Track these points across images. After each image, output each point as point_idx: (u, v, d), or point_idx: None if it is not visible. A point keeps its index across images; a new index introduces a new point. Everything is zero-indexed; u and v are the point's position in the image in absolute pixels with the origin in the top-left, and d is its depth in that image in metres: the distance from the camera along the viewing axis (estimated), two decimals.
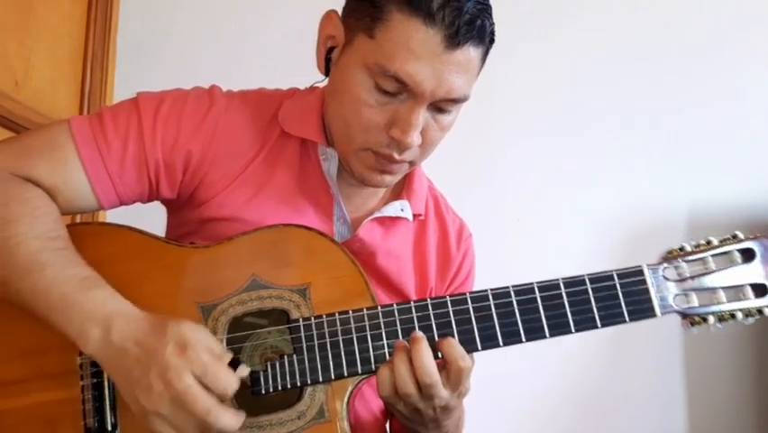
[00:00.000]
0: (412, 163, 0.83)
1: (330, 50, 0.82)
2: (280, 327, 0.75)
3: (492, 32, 0.78)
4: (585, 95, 1.57)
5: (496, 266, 1.53)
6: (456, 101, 0.77)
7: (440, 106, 0.77)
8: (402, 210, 0.88)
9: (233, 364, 0.67)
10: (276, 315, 0.76)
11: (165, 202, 0.90)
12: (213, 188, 0.83)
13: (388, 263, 0.88)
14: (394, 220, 0.89)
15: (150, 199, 0.86)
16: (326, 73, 0.84)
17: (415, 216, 0.90)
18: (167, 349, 0.64)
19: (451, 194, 1.07)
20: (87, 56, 1.43)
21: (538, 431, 1.54)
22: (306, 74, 0.93)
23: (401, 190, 0.91)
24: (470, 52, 0.74)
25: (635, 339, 1.52)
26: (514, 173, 1.55)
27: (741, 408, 1.54)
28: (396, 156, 0.78)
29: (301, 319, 0.74)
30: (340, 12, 0.82)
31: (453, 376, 0.70)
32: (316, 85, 0.91)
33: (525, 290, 0.75)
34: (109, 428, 0.72)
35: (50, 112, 1.30)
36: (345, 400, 0.73)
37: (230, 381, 0.65)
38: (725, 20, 1.58)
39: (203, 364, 0.64)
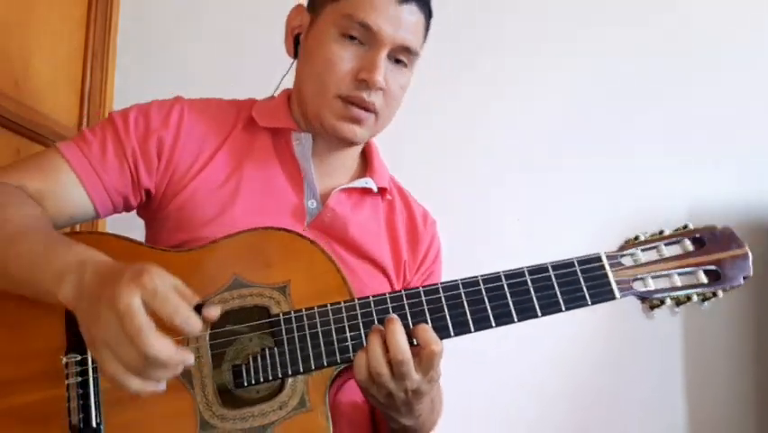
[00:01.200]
0: (378, 117, 0.93)
1: (296, 37, 0.98)
2: (260, 321, 0.78)
3: (430, 8, 0.95)
4: (585, 95, 1.57)
5: (496, 266, 1.55)
6: (410, 51, 0.91)
7: (397, 57, 0.91)
8: (366, 183, 0.98)
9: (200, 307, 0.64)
10: (257, 312, 0.79)
11: (144, 209, 0.96)
12: (186, 177, 0.90)
13: (360, 235, 0.95)
14: (362, 195, 0.99)
15: (135, 194, 0.91)
16: (295, 55, 0.99)
17: (380, 189, 1.00)
18: (123, 277, 0.61)
19: (451, 194, 1.10)
20: (87, 56, 1.43)
21: (532, 424, 1.52)
22: None
23: (364, 171, 1.02)
24: (416, 12, 0.90)
25: (632, 331, 1.51)
26: (514, 173, 1.55)
27: (739, 400, 1.54)
28: (365, 97, 0.89)
29: (281, 314, 0.77)
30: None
31: (425, 360, 0.74)
32: (273, 95, 1.03)
33: (492, 279, 0.79)
34: (94, 426, 0.73)
35: (50, 112, 1.30)
36: (326, 388, 0.76)
37: (180, 306, 0.61)
38: (724, 20, 1.59)
39: (153, 288, 0.60)
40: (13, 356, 0.76)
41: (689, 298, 0.82)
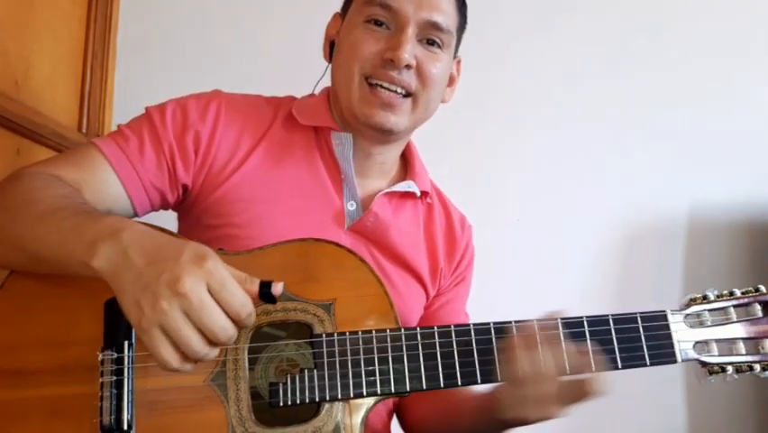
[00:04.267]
0: (416, 101, 0.90)
1: (332, 43, 0.96)
2: (302, 340, 0.75)
3: None
4: (585, 94, 1.56)
5: (496, 266, 1.51)
6: (440, 28, 0.88)
7: (429, 38, 0.88)
8: (409, 187, 0.95)
9: (267, 286, 0.64)
10: (298, 328, 0.76)
11: (181, 206, 0.93)
12: (223, 173, 0.88)
13: (401, 239, 0.94)
14: (403, 199, 0.96)
15: (172, 190, 0.88)
16: (330, 59, 0.97)
17: (422, 193, 0.98)
18: (182, 257, 0.60)
19: (451, 194, 1.08)
20: (87, 56, 1.41)
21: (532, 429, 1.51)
22: (304, 72, 0.99)
23: (405, 174, 1.00)
24: None
25: None
26: (514, 173, 1.54)
27: (740, 406, 1.52)
28: (394, 75, 0.86)
29: (324, 335, 0.75)
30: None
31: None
32: (313, 93, 1.00)
33: (548, 326, 0.75)
34: (125, 427, 0.72)
35: (50, 112, 1.28)
36: (361, 419, 0.73)
37: (246, 301, 0.62)
38: (724, 19, 1.58)
39: (221, 278, 0.60)
40: (50, 343, 0.74)
41: (750, 367, 0.78)
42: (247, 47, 1.53)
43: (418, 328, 0.75)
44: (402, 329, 0.75)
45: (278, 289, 0.65)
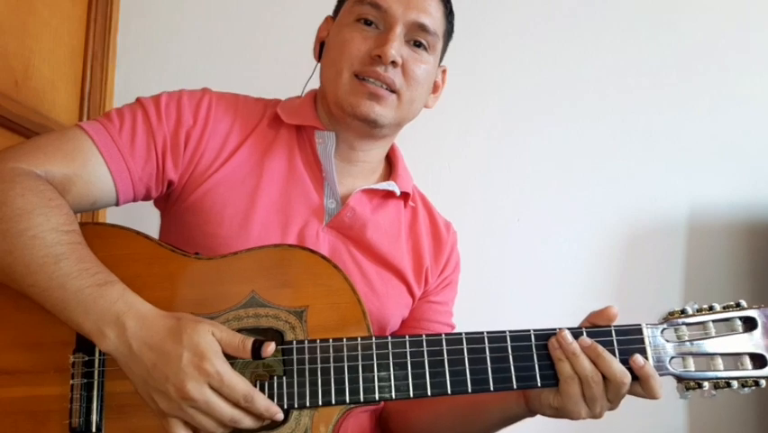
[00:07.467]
0: (400, 98, 0.91)
1: (322, 43, 0.98)
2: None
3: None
4: (584, 94, 1.55)
5: (496, 267, 1.48)
6: (426, 30, 0.91)
7: (415, 39, 0.91)
8: (390, 186, 0.96)
9: (259, 346, 0.69)
10: (271, 334, 0.76)
11: (164, 200, 0.93)
12: (208, 171, 0.89)
13: (378, 237, 0.94)
14: (384, 199, 0.97)
15: (157, 185, 0.89)
16: (319, 58, 0.99)
17: (404, 195, 0.99)
18: (183, 359, 0.67)
19: (451, 195, 1.09)
20: (87, 56, 1.42)
21: (529, 423, 1.51)
22: (304, 73, 1.01)
23: (388, 176, 1.00)
24: None
25: None
26: (514, 173, 1.53)
27: (740, 406, 1.50)
28: (381, 72, 0.88)
29: (295, 342, 0.74)
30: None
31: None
32: (300, 95, 1.02)
33: (519, 337, 0.75)
34: (93, 430, 0.72)
35: (50, 112, 1.29)
36: (330, 428, 0.73)
37: (245, 390, 0.68)
38: (723, 19, 1.57)
39: (219, 376, 0.67)
40: (22, 344, 0.75)
41: (728, 384, 0.77)
42: (247, 48, 1.53)
43: (390, 337, 0.75)
44: (373, 338, 0.75)
45: (267, 351, 0.70)
